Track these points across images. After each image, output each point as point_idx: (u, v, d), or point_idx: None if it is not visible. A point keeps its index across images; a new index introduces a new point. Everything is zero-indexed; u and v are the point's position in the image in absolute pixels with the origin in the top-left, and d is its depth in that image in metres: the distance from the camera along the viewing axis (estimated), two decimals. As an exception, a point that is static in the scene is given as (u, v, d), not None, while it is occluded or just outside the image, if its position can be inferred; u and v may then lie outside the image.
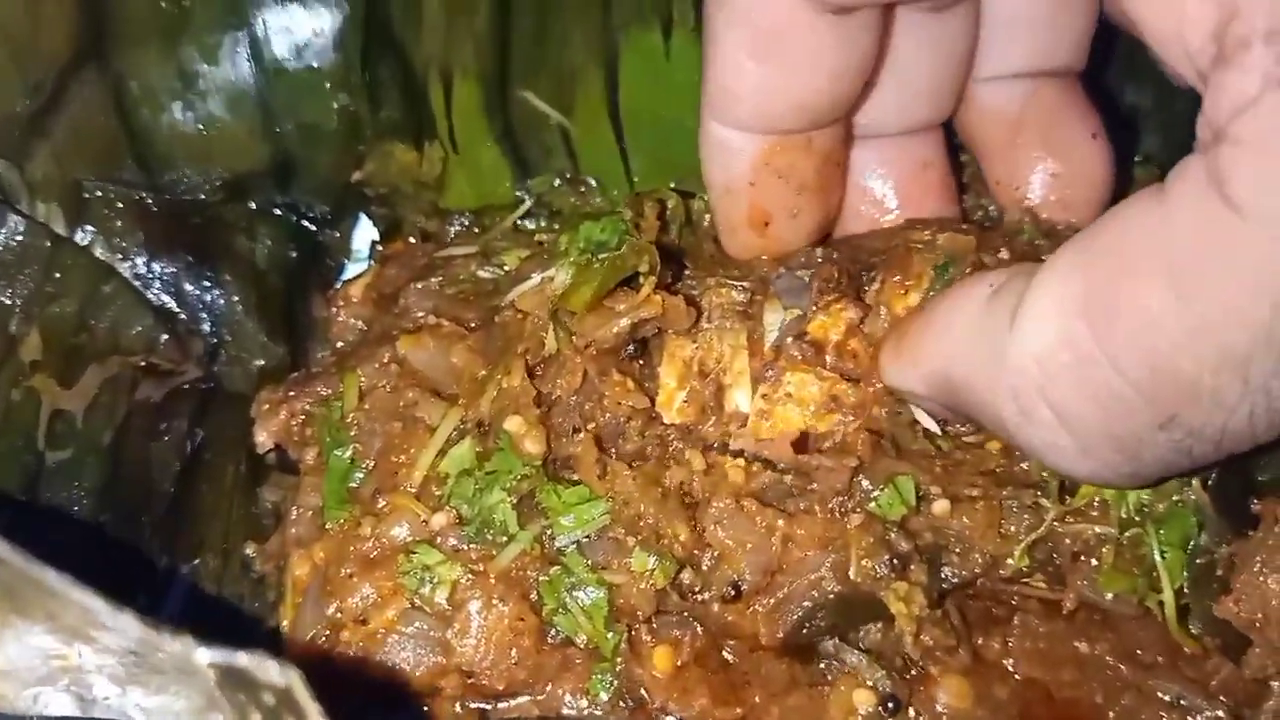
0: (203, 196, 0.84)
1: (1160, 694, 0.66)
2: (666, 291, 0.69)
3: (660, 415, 0.69)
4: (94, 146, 0.80)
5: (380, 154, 0.86)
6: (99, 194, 0.81)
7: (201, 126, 0.82)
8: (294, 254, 0.87)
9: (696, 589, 0.65)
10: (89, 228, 0.80)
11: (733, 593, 0.65)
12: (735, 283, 0.72)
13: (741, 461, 0.66)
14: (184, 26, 0.81)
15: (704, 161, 0.72)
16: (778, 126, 0.69)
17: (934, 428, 0.68)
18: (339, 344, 0.81)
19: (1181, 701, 0.65)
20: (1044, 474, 0.68)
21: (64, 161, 0.79)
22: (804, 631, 0.66)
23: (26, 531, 0.65)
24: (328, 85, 0.83)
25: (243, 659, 0.42)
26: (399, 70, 0.85)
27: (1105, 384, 0.49)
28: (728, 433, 0.68)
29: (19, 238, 0.76)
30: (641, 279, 0.68)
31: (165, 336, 0.79)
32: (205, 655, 0.43)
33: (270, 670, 0.42)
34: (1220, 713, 0.64)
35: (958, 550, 0.67)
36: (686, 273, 0.75)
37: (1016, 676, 0.67)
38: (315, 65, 0.83)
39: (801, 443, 0.67)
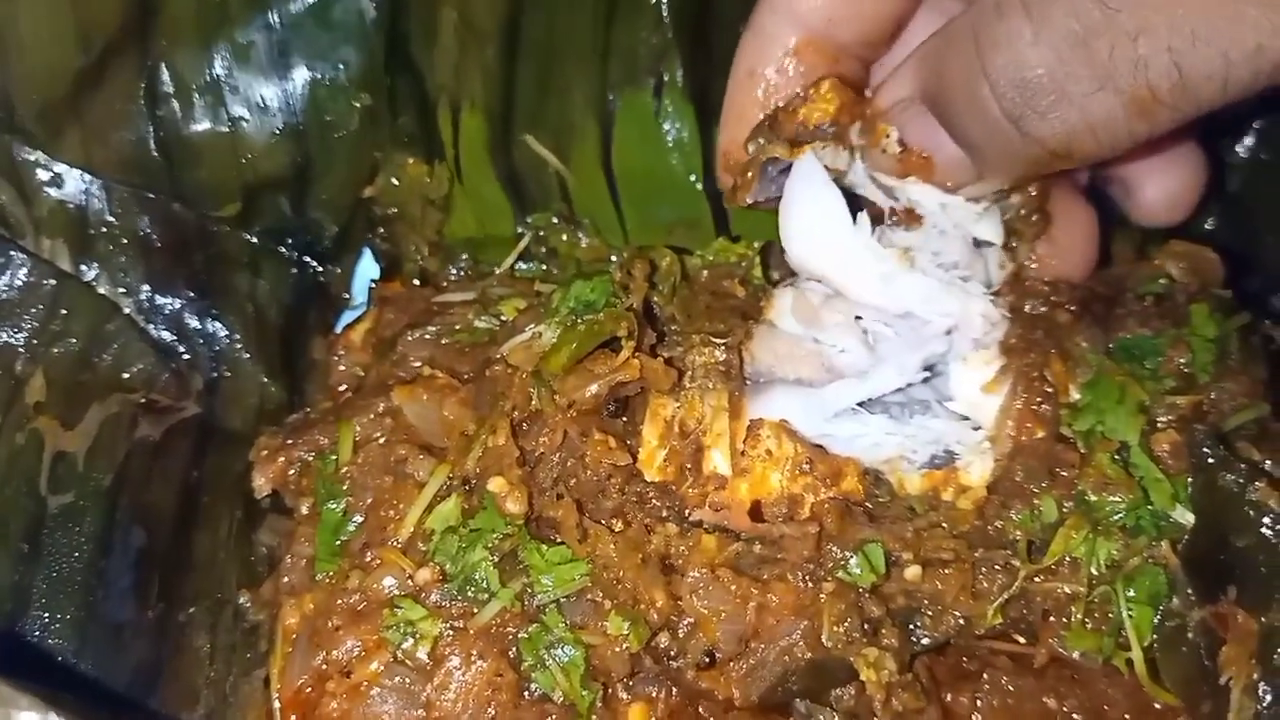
0: (217, 213, 0.86)
1: (1128, 751, 0.66)
2: (650, 352, 0.71)
3: (641, 473, 0.71)
4: (121, 137, 0.82)
5: (393, 165, 0.89)
6: (104, 229, 0.82)
7: (227, 126, 0.85)
8: (295, 293, 0.89)
9: (672, 653, 0.67)
10: (94, 263, 0.82)
11: (707, 660, 0.66)
12: (719, 341, 0.73)
13: (714, 536, 0.67)
14: (221, 23, 0.83)
15: (739, 50, 0.76)
16: (829, 23, 0.73)
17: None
18: (339, 387, 0.83)
19: None
20: (1016, 532, 0.69)
21: (91, 150, 0.81)
22: (778, 694, 0.67)
23: (29, 587, 0.69)
24: (351, 83, 0.86)
25: None
26: (414, 87, 0.88)
27: None
28: (705, 492, 0.69)
29: (23, 276, 0.78)
30: (622, 343, 0.69)
31: (166, 374, 0.81)
32: None
33: None
34: None
35: (930, 613, 0.68)
36: (674, 328, 0.76)
37: (985, 732, 0.68)
38: (341, 65, 0.86)
39: (756, 511, 0.68)
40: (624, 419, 0.72)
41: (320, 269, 0.91)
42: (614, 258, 0.80)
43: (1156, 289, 0.75)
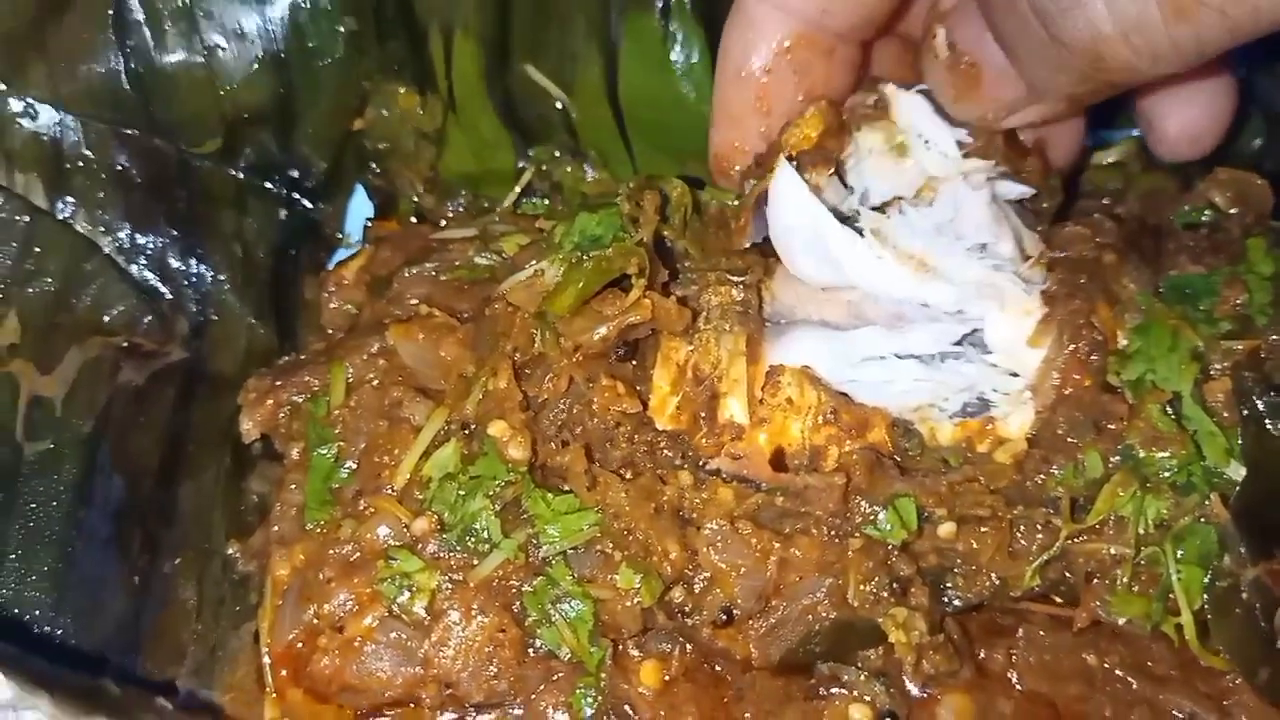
0: (197, 149, 0.81)
1: (1173, 710, 0.64)
2: (662, 291, 0.66)
3: (652, 420, 0.66)
4: (89, 69, 0.77)
5: (383, 95, 0.84)
6: (80, 163, 0.78)
7: (202, 55, 0.79)
8: (284, 232, 0.84)
9: (687, 610, 0.63)
10: (69, 199, 0.77)
11: (725, 618, 0.62)
12: (736, 279, 0.68)
13: (731, 487, 0.63)
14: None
15: (726, 36, 0.72)
16: (812, 14, 0.69)
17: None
18: (329, 330, 0.79)
19: (1195, 718, 0.63)
20: (1058, 489, 0.64)
21: (58, 84, 0.76)
22: (799, 655, 0.63)
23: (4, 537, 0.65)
24: (334, 7, 0.80)
25: None
26: (403, 11, 0.83)
27: None
28: (720, 443, 0.65)
29: (-4, 212, 0.73)
30: (632, 280, 0.65)
31: (149, 316, 0.77)
32: None
33: None
34: None
35: (963, 573, 0.65)
36: (687, 264, 0.71)
37: (1020, 690, 0.65)
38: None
39: (779, 459, 0.64)
40: (634, 363, 0.67)
41: (311, 207, 0.86)
42: (621, 190, 0.75)
43: (1203, 219, 0.70)
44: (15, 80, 0.75)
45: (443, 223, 0.85)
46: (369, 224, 0.86)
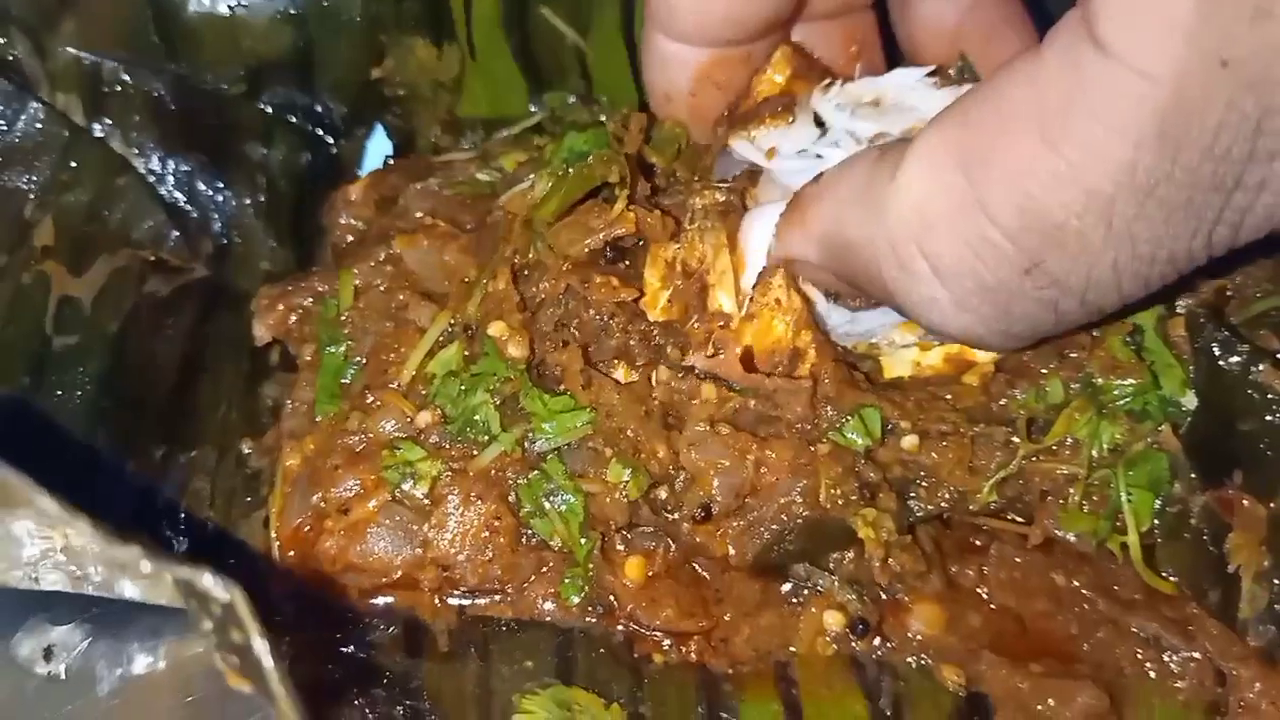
0: (224, 87, 0.85)
1: (1136, 630, 0.66)
2: (646, 204, 0.70)
3: (644, 312, 0.69)
4: (119, 23, 0.81)
5: (401, 48, 0.88)
6: (118, 88, 0.82)
7: (227, 7, 0.84)
8: (307, 163, 0.88)
9: (669, 507, 0.66)
10: (106, 120, 0.82)
11: (703, 514, 0.65)
12: (721, 184, 0.71)
13: (712, 385, 0.66)
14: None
15: (645, 69, 0.75)
16: (716, 40, 0.71)
17: (823, 307, 0.67)
18: (341, 239, 0.82)
19: (1159, 641, 0.65)
20: (1020, 411, 0.68)
21: (90, 37, 0.80)
22: (773, 555, 0.67)
23: (31, 415, 0.69)
24: None
25: (183, 572, 0.42)
26: None
27: (978, 231, 0.50)
28: (710, 329, 0.68)
29: (38, 125, 0.78)
30: (615, 191, 0.68)
31: (175, 233, 0.81)
32: (147, 565, 0.44)
33: (211, 585, 0.42)
34: (1197, 655, 0.65)
35: (925, 484, 0.68)
36: (675, 177, 0.75)
37: (991, 605, 0.68)
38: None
39: (748, 360, 0.67)
40: (625, 264, 0.71)
41: (332, 143, 0.90)
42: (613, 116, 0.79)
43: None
44: (45, 34, 0.79)
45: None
46: (389, 161, 0.89)
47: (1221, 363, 0.66)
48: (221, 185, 0.85)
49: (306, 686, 0.42)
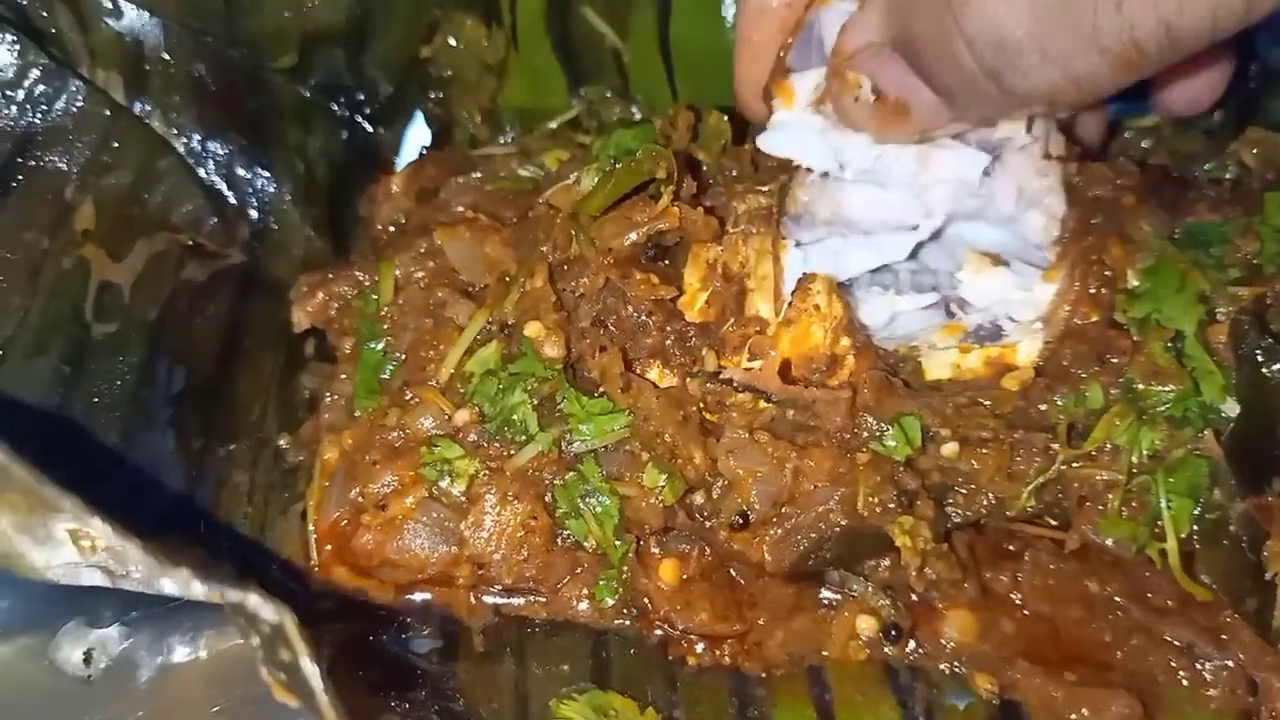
0: (274, 64, 0.84)
1: (1170, 639, 0.65)
2: (691, 202, 0.69)
3: (682, 313, 0.69)
4: None
5: (452, 23, 0.88)
6: (159, 65, 0.81)
7: None
8: (345, 151, 0.88)
9: (705, 513, 0.66)
10: (147, 100, 0.80)
11: (740, 521, 0.65)
12: (764, 188, 0.71)
13: (749, 396, 0.66)
14: None
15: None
16: None
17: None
18: (382, 229, 0.82)
19: (1193, 649, 0.65)
20: (1060, 416, 0.67)
21: None
22: (810, 562, 0.66)
23: (69, 408, 0.69)
24: None
25: (233, 595, 0.42)
26: None
27: None
28: (746, 334, 0.68)
29: (79, 103, 0.75)
30: (661, 187, 0.68)
31: (214, 219, 0.80)
32: (199, 590, 0.44)
33: (260, 607, 0.42)
34: (1230, 663, 0.64)
35: (964, 491, 0.68)
36: (719, 177, 0.74)
37: (1024, 612, 0.68)
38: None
39: (786, 371, 0.67)
40: (665, 263, 0.70)
41: (371, 129, 0.90)
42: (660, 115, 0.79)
43: (1228, 174, 0.72)
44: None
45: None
46: (424, 151, 0.89)
47: (1265, 370, 0.65)
48: (260, 169, 0.84)
49: (345, 690, 0.43)
